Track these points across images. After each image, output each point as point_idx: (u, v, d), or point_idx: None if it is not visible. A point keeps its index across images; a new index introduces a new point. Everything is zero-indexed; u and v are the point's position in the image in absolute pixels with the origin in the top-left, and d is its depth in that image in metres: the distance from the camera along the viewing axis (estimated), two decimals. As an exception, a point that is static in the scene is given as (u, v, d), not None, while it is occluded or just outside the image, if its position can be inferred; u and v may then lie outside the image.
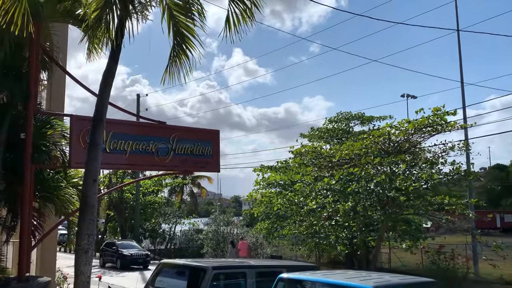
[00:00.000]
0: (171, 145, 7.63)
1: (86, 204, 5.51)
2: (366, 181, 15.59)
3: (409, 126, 16.56)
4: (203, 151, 8.05)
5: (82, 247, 5.51)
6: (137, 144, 7.26)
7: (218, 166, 8.30)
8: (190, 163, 7.88)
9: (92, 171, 5.61)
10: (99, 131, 5.68)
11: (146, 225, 29.88)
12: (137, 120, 7.71)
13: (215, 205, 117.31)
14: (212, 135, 8.31)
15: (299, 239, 23.08)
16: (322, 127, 29.24)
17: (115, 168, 7.09)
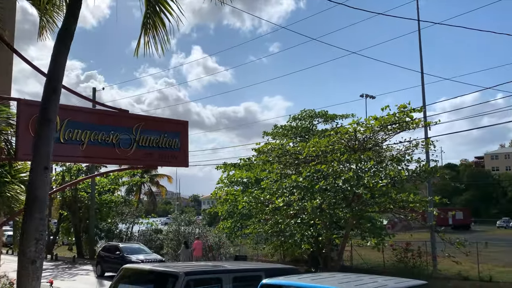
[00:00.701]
0: (134, 136, 6.85)
1: (35, 199, 4.44)
2: (333, 178, 15.33)
3: (375, 123, 16.46)
4: (170, 144, 7.32)
5: (27, 255, 4.29)
6: (96, 134, 6.43)
7: (187, 160, 7.59)
8: (156, 157, 7.12)
9: (42, 155, 4.57)
10: (53, 105, 4.74)
11: (102, 225, 28.43)
12: (95, 107, 6.81)
13: (173, 205, 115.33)
14: (180, 126, 7.58)
15: (262, 238, 22.62)
16: (286, 125, 28.98)
17: (70, 160, 6.21)
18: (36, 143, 4.67)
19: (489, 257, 22.68)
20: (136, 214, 28.91)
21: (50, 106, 4.74)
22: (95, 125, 6.47)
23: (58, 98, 4.77)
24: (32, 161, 4.54)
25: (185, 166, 7.62)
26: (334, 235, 17.66)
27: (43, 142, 4.66)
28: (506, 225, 63.22)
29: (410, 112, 16.18)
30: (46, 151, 4.68)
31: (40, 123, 4.73)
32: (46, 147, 4.66)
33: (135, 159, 6.87)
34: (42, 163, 4.65)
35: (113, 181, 31.10)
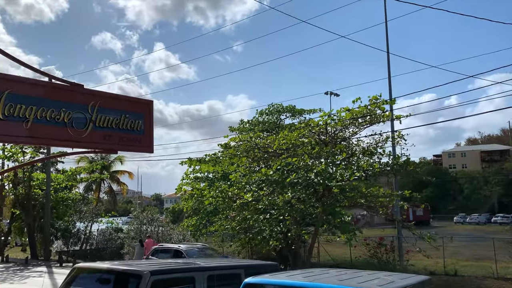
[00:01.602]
0: (90, 115, 5.91)
1: None
2: (305, 171, 14.76)
3: (347, 115, 16.02)
4: (133, 126, 6.42)
5: None
6: (44, 110, 5.45)
7: (152, 145, 6.70)
8: (116, 140, 6.21)
9: None
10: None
11: (58, 224, 26.75)
12: (49, 81, 5.79)
13: (135, 204, 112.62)
14: (145, 107, 6.68)
15: (228, 235, 21.86)
16: (253, 120, 28.35)
17: (11, 141, 5.23)
18: None
19: (450, 251, 23.03)
20: (95, 212, 27.41)
21: None
22: (43, 99, 5.50)
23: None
24: None
25: (150, 152, 6.74)
26: (303, 231, 17.19)
27: None
28: (463, 220, 65.46)
29: (382, 104, 15.85)
30: None
31: None
32: None
33: (91, 141, 5.94)
34: None
35: (71, 177, 29.40)
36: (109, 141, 6.12)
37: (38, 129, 5.40)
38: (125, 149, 6.46)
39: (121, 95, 6.68)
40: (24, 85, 5.35)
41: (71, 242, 27.03)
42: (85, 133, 5.84)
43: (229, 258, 15.86)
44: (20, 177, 27.26)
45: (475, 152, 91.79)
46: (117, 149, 6.28)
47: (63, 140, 5.66)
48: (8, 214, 30.42)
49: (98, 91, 6.28)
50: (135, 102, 6.64)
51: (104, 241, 26.13)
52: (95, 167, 31.86)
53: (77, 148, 5.97)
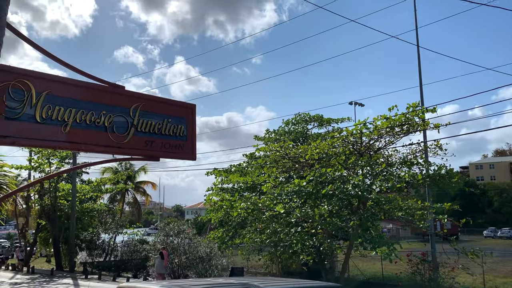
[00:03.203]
0: (131, 119, 5.41)
1: None
2: (341, 182, 14.04)
3: (384, 123, 15.26)
4: (175, 131, 5.89)
5: None
6: (83, 113, 4.96)
7: (194, 152, 6.15)
8: (158, 146, 5.68)
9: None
10: None
11: (83, 235, 26.51)
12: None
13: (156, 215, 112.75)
14: (187, 111, 6.14)
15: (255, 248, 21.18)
16: (279, 129, 27.74)
17: (48, 146, 4.78)
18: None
19: (485, 267, 21.82)
20: (120, 223, 27.11)
21: None
22: (82, 102, 5.02)
23: None
24: None
25: (193, 159, 6.20)
26: (337, 245, 16.43)
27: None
28: (493, 234, 63.03)
29: (422, 112, 15.06)
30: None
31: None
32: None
33: (133, 148, 5.42)
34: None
35: (96, 188, 29.24)
36: (151, 147, 5.61)
37: (77, 133, 4.92)
38: (167, 156, 5.94)
39: (163, 98, 6.18)
40: (63, 86, 4.88)
41: (96, 253, 26.74)
42: (126, 138, 5.33)
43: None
44: (46, 188, 27.22)
45: (503, 164, 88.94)
46: (160, 156, 5.77)
47: (103, 146, 5.15)
48: (34, 225, 30.40)
49: (140, 94, 5.77)
50: (178, 106, 6.12)
51: (129, 252, 25.74)
52: (120, 178, 31.70)
53: (118, 154, 5.47)
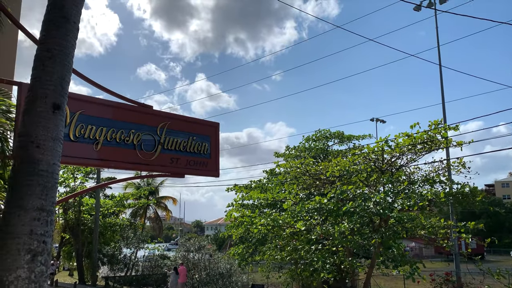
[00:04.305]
0: (158, 137, 5.64)
1: (32, 167, 2.74)
2: (362, 200, 13.97)
3: (406, 140, 15.17)
4: (200, 149, 6.09)
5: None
6: (114, 132, 5.22)
7: (218, 169, 6.34)
8: (183, 163, 5.89)
9: (49, 80, 2.89)
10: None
11: (105, 250, 26.88)
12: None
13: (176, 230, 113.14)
14: (211, 129, 6.36)
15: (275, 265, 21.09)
16: (300, 145, 27.81)
17: (81, 163, 4.99)
18: (38, 59, 2.99)
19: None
20: (142, 238, 27.41)
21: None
22: (113, 121, 5.27)
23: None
24: (30, 92, 3.08)
25: (216, 176, 6.37)
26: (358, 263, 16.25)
27: (52, 56, 2.92)
28: (521, 255, 60.93)
29: (443, 130, 14.93)
30: (60, 74, 2.96)
31: (49, 18, 3.04)
32: (59, 67, 2.98)
33: (160, 165, 5.64)
34: (51, 95, 2.87)
35: (119, 203, 29.70)
36: (176, 164, 5.82)
37: (108, 151, 5.16)
38: (192, 173, 6.13)
39: (189, 117, 6.40)
40: (95, 106, 5.15)
41: (117, 268, 27.04)
42: (153, 155, 5.55)
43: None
44: (71, 202, 27.79)
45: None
46: (184, 172, 5.95)
47: (132, 163, 5.38)
48: (58, 239, 30.98)
49: (167, 113, 6.01)
50: (202, 124, 6.34)
51: (150, 267, 25.96)
52: (143, 193, 32.16)
53: (146, 171, 5.70)
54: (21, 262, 2.57)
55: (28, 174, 2.75)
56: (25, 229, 2.61)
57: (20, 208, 2.62)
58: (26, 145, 2.80)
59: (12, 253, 2.59)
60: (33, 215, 2.64)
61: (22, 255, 2.59)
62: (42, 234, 2.69)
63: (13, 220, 2.61)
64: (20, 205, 2.64)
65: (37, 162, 2.78)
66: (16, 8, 6.29)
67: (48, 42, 2.96)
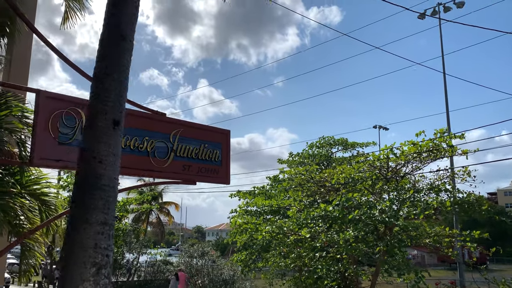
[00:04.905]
0: (171, 145, 5.69)
1: (95, 182, 2.77)
2: (368, 207, 13.96)
3: (411, 148, 15.19)
4: (211, 156, 6.14)
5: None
6: (128, 139, 5.26)
7: (228, 176, 6.38)
8: (195, 171, 5.93)
9: (108, 97, 2.96)
10: (126, 14, 3.19)
11: (109, 254, 26.85)
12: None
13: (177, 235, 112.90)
14: (222, 137, 6.40)
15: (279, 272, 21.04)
16: (303, 152, 27.84)
17: (96, 170, 5.07)
18: (98, 76, 3.07)
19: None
20: (144, 243, 27.39)
21: (123, 7, 3.15)
22: (128, 128, 5.30)
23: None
24: (90, 109, 3.14)
25: (226, 183, 6.41)
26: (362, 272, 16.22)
27: (111, 72, 2.99)
28: (524, 264, 60.60)
29: (449, 138, 14.95)
30: (117, 91, 3.01)
31: (107, 38, 3.08)
32: (117, 83, 3.02)
33: (172, 172, 5.69)
34: (110, 112, 2.95)
35: (122, 208, 29.69)
36: (188, 171, 5.86)
37: (122, 158, 5.16)
38: (203, 180, 6.16)
39: (201, 124, 6.45)
40: (110, 113, 5.19)
41: (120, 273, 26.99)
42: (166, 163, 5.60)
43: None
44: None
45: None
46: (196, 180, 5.99)
47: (146, 170, 5.43)
48: (60, 243, 30.97)
49: (179, 120, 6.06)
50: (214, 132, 6.38)
51: (152, 273, 25.92)
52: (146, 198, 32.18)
53: (159, 178, 5.74)
54: (87, 275, 2.64)
55: (91, 189, 2.81)
56: (90, 242, 2.67)
57: (85, 222, 2.68)
58: (89, 160, 2.86)
59: (78, 266, 2.66)
60: (97, 229, 2.70)
61: (88, 268, 2.65)
62: (105, 248, 2.74)
63: (79, 234, 2.67)
64: (85, 219, 2.69)
65: (99, 177, 2.84)
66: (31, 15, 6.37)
67: (106, 61, 3.02)
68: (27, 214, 5.03)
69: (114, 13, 3.16)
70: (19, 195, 5.04)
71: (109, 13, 3.14)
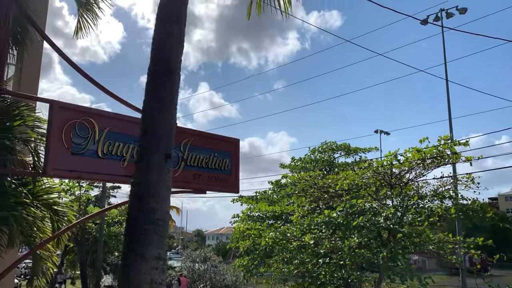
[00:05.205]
0: (182, 154, 5.69)
1: (150, 215, 2.85)
2: (372, 214, 13.95)
3: (415, 155, 15.18)
4: (221, 165, 6.14)
5: None
6: (140, 149, 5.27)
7: (238, 185, 6.37)
8: (205, 180, 5.94)
9: (160, 133, 3.02)
10: (175, 48, 3.28)
11: (110, 259, 26.82)
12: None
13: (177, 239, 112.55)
14: (232, 145, 6.41)
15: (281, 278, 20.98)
16: (305, 157, 27.82)
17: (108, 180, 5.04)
18: (148, 110, 3.10)
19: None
20: (146, 248, 27.34)
21: (172, 42, 3.16)
22: (138, 137, 5.32)
23: (181, 32, 3.18)
24: (141, 143, 3.16)
25: (236, 192, 6.42)
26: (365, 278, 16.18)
27: (162, 107, 3.02)
28: (525, 270, 60.44)
29: (453, 145, 14.95)
30: (168, 125, 3.05)
31: (156, 71, 3.11)
32: (168, 117, 3.04)
33: (183, 181, 5.69)
34: (163, 147, 3.01)
35: (124, 212, 29.67)
36: (198, 180, 5.87)
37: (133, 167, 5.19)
38: (213, 189, 6.17)
39: (211, 134, 6.45)
40: (121, 123, 5.22)
41: (121, 277, 26.89)
42: (177, 172, 5.60)
43: None
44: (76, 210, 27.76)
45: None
46: (206, 189, 6.00)
47: (157, 180, 5.42)
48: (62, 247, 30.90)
49: (190, 129, 6.06)
50: (223, 141, 6.39)
51: (154, 278, 25.88)
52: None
53: (170, 188, 5.72)
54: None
55: (144, 223, 2.81)
56: (146, 278, 2.67)
57: (141, 257, 2.68)
58: (142, 194, 2.86)
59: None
60: (152, 264, 2.70)
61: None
62: (160, 283, 2.74)
63: (135, 269, 2.66)
64: (140, 254, 2.69)
65: (153, 212, 2.84)
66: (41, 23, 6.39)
67: (156, 93, 3.03)
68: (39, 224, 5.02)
69: (163, 48, 3.17)
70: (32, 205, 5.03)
71: (158, 49, 3.15)
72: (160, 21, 3.24)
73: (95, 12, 5.73)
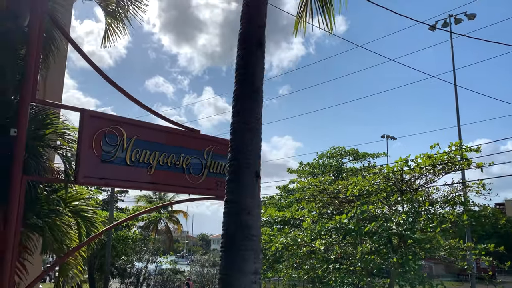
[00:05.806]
0: (205, 161, 5.77)
1: (244, 232, 2.97)
2: (384, 220, 13.96)
3: (426, 161, 15.20)
4: (242, 172, 6.21)
5: None
6: (165, 156, 5.35)
7: (258, 192, 6.45)
8: (226, 187, 6.01)
9: (249, 152, 3.17)
10: (258, 64, 3.39)
11: (118, 263, 26.90)
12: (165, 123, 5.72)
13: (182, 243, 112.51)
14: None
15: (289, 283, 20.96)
16: (314, 162, 27.82)
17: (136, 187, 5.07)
18: (237, 131, 3.26)
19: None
20: (154, 252, 27.41)
21: (255, 65, 3.34)
22: (164, 145, 5.42)
23: (262, 55, 3.33)
24: (230, 164, 3.28)
25: (257, 200, 6.46)
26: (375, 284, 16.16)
27: (249, 128, 3.15)
28: (533, 276, 59.97)
29: (464, 151, 14.96)
30: (256, 145, 3.17)
31: (242, 93, 3.27)
32: (255, 137, 3.18)
33: (206, 188, 5.77)
34: (253, 165, 3.14)
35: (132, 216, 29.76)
36: (221, 187, 5.92)
37: (160, 175, 5.29)
38: (234, 197, 6.22)
39: (232, 141, 6.53)
40: (148, 131, 5.31)
41: (129, 281, 26.98)
42: (200, 179, 5.68)
43: None
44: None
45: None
46: (228, 196, 6.05)
47: (181, 186, 5.52)
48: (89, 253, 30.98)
49: (212, 137, 6.14)
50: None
51: (162, 281, 25.90)
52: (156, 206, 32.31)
53: (193, 194, 5.81)
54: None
55: (242, 239, 2.90)
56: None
57: (240, 272, 2.78)
58: (238, 211, 2.95)
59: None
60: (251, 279, 2.80)
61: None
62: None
63: (236, 283, 2.76)
64: (239, 269, 2.79)
65: (249, 228, 2.93)
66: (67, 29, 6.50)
67: (244, 115, 3.12)
68: (69, 231, 5.10)
69: (246, 65, 3.30)
70: (64, 212, 5.11)
71: (242, 71, 3.27)
72: (243, 44, 3.38)
73: (123, 20, 5.82)
